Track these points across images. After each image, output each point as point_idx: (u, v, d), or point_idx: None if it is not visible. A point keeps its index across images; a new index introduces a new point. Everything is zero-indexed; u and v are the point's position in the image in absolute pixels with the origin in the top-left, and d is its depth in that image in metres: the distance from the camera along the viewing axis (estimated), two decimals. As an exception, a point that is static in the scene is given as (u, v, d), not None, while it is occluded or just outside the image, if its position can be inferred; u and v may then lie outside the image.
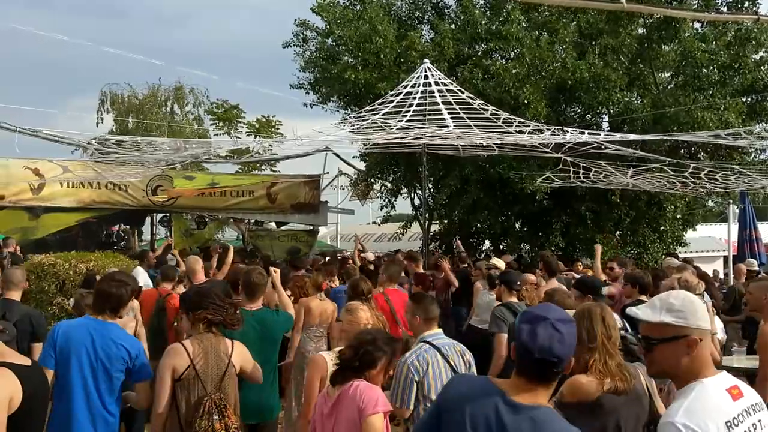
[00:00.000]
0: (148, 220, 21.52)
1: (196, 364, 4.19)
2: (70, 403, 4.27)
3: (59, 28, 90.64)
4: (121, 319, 6.15)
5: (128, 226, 21.35)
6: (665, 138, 13.24)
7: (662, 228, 17.44)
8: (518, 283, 7.09)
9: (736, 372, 4.33)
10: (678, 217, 17.80)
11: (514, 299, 6.96)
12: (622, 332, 4.23)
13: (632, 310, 2.54)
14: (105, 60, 76.02)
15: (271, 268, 6.24)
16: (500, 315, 6.77)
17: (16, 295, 6.16)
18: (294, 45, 18.92)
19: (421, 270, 10.18)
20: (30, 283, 8.86)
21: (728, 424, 2.27)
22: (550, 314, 2.43)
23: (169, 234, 21.55)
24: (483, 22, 17.13)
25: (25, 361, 3.75)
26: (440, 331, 4.74)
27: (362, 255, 12.99)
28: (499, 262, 9.92)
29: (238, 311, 4.49)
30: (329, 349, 7.52)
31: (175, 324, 5.87)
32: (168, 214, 20.33)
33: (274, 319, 5.34)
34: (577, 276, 9.21)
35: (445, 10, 19.02)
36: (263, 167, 24.73)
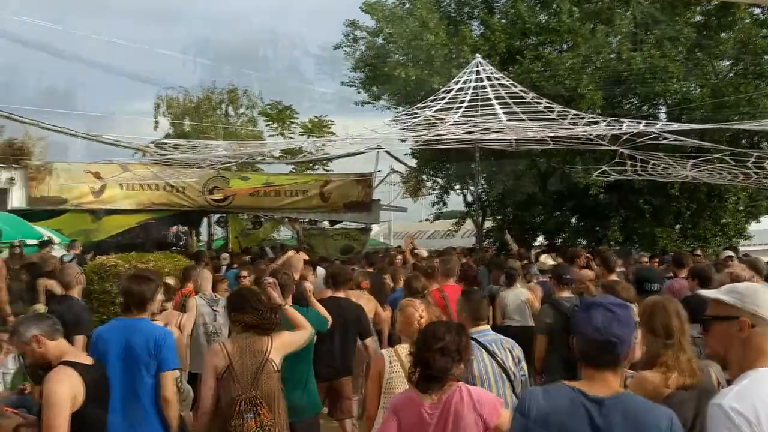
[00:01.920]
0: (205, 221, 21.93)
1: (233, 364, 4.27)
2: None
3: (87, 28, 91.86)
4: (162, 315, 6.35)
5: (186, 227, 21.81)
6: (726, 127, 12.86)
7: (724, 220, 16.95)
8: (567, 276, 6.66)
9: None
10: (740, 208, 17.28)
11: (566, 294, 6.54)
12: None
13: (702, 291, 2.58)
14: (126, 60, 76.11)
15: (305, 283, 6.31)
16: (540, 314, 6.47)
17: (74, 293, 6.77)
18: (345, 45, 19.07)
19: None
20: (93, 284, 9.27)
21: None
22: (603, 300, 2.57)
23: (225, 234, 21.92)
24: (532, 15, 16.92)
25: (87, 360, 3.86)
26: (488, 327, 4.68)
27: (415, 252, 12.92)
28: (548, 260, 9.65)
29: (276, 315, 4.52)
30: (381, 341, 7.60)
31: None
32: (224, 215, 20.65)
33: (305, 315, 5.38)
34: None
35: (495, 5, 18.85)
36: (316, 167, 24.89)
